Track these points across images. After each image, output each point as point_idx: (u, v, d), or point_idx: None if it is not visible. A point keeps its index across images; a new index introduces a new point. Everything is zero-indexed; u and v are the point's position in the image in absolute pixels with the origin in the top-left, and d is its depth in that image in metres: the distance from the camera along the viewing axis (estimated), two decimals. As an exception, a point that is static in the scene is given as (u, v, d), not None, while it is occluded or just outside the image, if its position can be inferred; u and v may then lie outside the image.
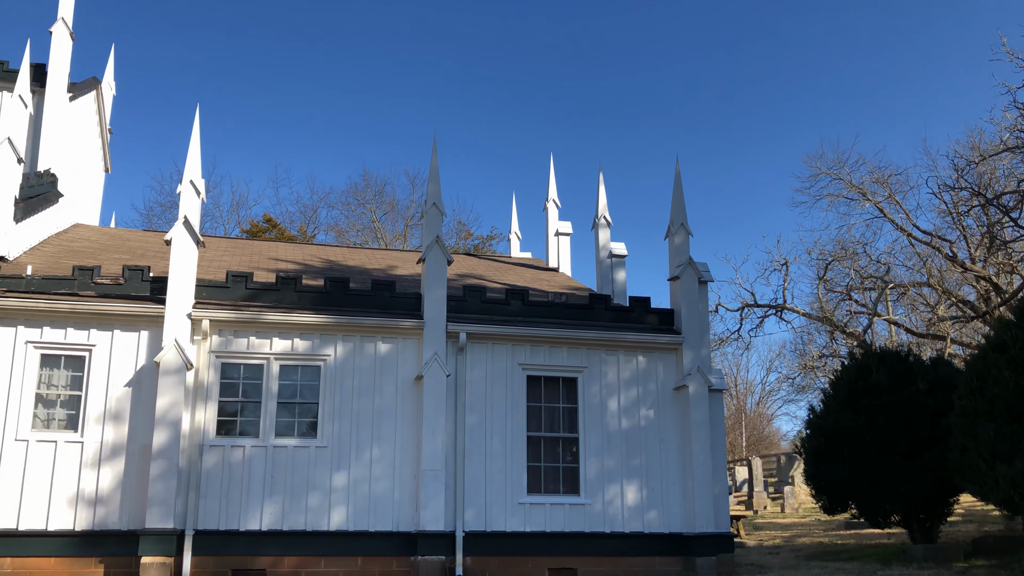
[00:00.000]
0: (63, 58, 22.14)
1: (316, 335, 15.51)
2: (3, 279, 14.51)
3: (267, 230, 45.71)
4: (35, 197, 19.81)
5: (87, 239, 21.84)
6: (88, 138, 25.54)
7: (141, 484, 14.14)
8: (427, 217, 16.61)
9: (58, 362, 14.53)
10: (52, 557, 13.62)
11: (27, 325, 14.41)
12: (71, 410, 14.40)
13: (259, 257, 21.29)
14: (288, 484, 14.75)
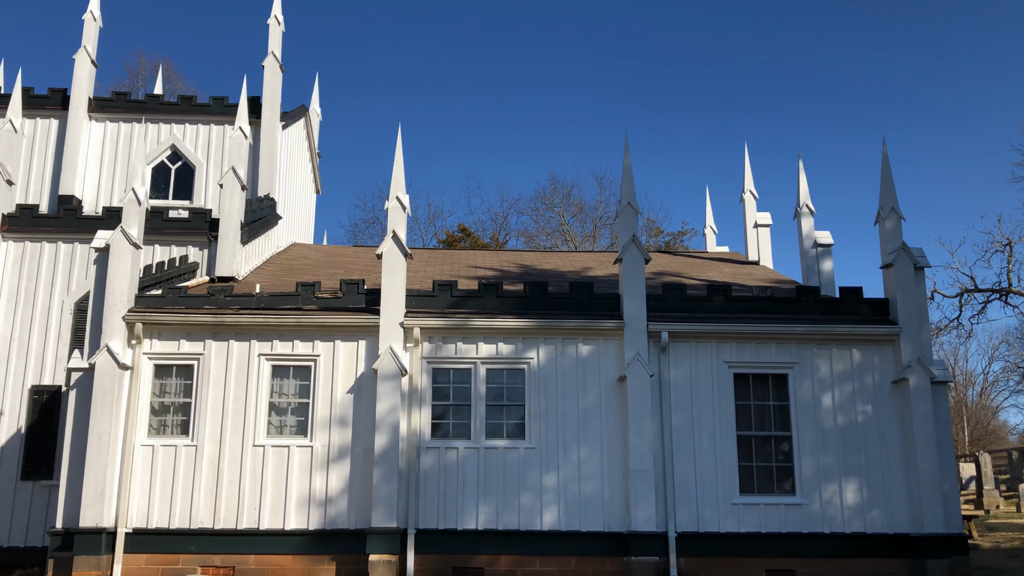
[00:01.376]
0: (275, 90, 23.78)
1: (519, 339, 15.85)
2: (236, 297, 15.77)
3: (462, 239, 47.17)
4: (257, 220, 21.39)
5: (304, 256, 23.36)
6: (300, 162, 27.29)
7: (365, 485, 14.96)
8: (622, 217, 16.60)
9: (287, 372, 15.62)
10: (289, 555, 14.64)
11: (259, 339, 15.59)
12: (300, 417, 15.44)
13: (459, 265, 22.01)
14: (500, 484, 15.15)
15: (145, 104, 23.70)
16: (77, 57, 23.70)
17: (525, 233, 49.62)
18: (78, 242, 19.98)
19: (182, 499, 14.84)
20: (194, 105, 23.71)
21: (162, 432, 15.24)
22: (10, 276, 19.72)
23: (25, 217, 19.94)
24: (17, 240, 19.90)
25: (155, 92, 26.18)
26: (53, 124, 23.50)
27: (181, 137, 23.64)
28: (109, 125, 23.72)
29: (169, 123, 23.70)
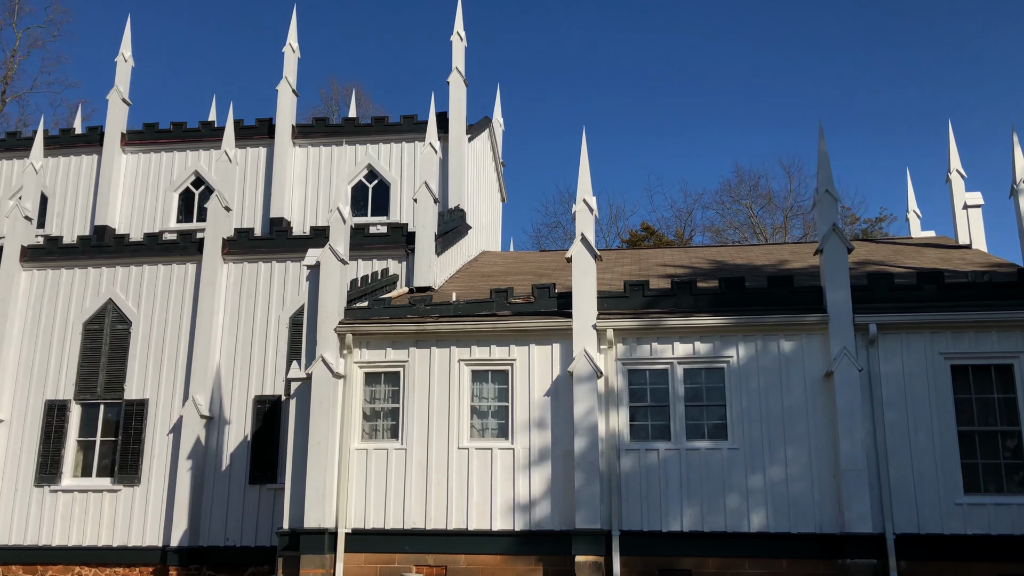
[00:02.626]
0: (460, 104, 24.54)
1: (716, 337, 15.55)
2: (435, 306, 16.37)
3: (645, 238, 46.83)
4: (449, 231, 22.13)
5: (494, 264, 23.94)
6: (485, 172, 27.99)
7: (567, 487, 15.12)
8: (820, 205, 15.95)
9: (486, 376, 16.05)
10: (497, 555, 15.02)
11: (458, 345, 16.12)
12: (500, 420, 15.82)
13: (647, 265, 21.85)
14: (704, 486, 14.91)
15: (342, 128, 25.08)
16: (280, 88, 25.40)
17: (711, 228, 48.67)
18: (289, 261, 21.37)
19: (395, 500, 15.55)
20: (386, 125, 24.86)
21: (374, 436, 16.03)
22: (232, 295, 21.35)
23: (242, 240, 21.54)
24: (236, 262, 21.52)
25: (350, 115, 27.64)
26: (261, 152, 25.30)
27: (376, 156, 24.84)
28: (311, 150, 25.26)
29: (364, 144, 24.98)
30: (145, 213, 25.31)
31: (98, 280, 21.76)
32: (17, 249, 21.82)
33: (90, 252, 21.81)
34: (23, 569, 20.08)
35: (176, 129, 25.57)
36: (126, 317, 21.39)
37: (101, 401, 21.00)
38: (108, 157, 25.32)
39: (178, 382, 20.85)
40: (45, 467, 20.62)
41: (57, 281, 21.85)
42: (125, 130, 25.72)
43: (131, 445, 20.55)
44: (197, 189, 25.34)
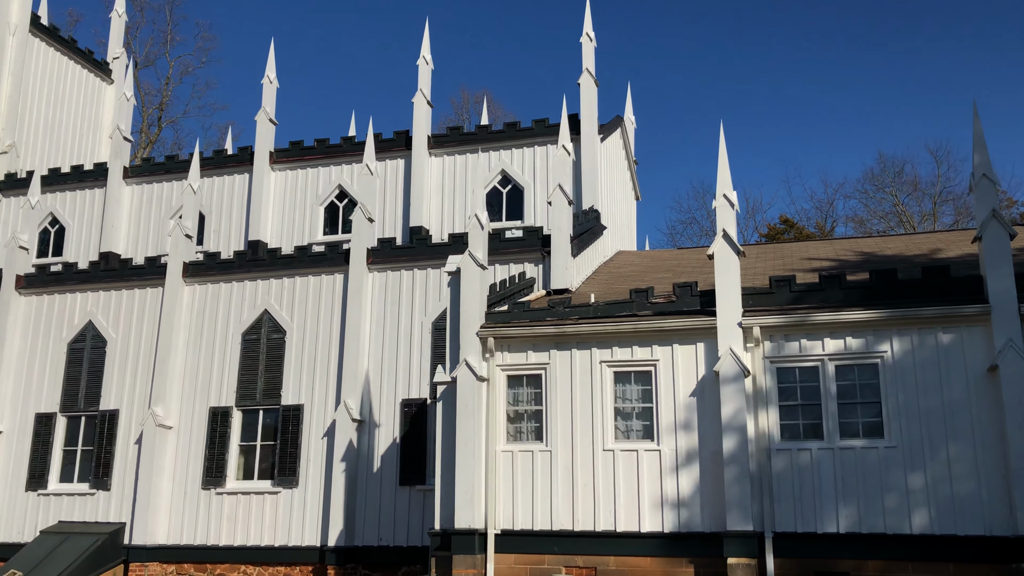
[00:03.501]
0: (591, 105, 24.55)
1: (868, 332, 14.97)
2: (575, 308, 16.43)
3: (784, 231, 45.50)
4: (584, 233, 22.15)
5: (630, 263, 23.81)
6: (619, 171, 27.89)
7: (716, 488, 14.88)
8: (978, 190, 15.13)
9: (628, 378, 15.99)
10: (647, 557, 14.93)
11: (599, 347, 16.12)
12: (645, 421, 15.72)
13: (790, 259, 21.25)
14: (860, 486, 14.38)
15: (476, 135, 25.52)
16: (415, 100, 26.09)
17: (854, 218, 46.88)
18: (429, 268, 21.90)
19: (541, 502, 15.69)
20: (518, 130, 25.15)
21: (518, 438, 16.23)
22: (377, 303, 22.07)
23: (385, 249, 22.23)
24: (380, 270, 22.23)
25: (482, 123, 28.09)
26: (400, 163, 26.06)
27: (509, 162, 25.16)
28: (446, 159, 25.83)
29: (497, 150, 25.35)
30: (294, 227, 26.50)
31: (254, 292, 22.90)
32: (180, 266, 23.23)
33: (246, 266, 22.98)
34: (194, 567, 21.34)
35: (320, 145, 26.64)
36: (281, 327, 22.43)
37: (260, 407, 22.11)
38: (258, 175, 26.64)
39: (330, 387, 21.70)
40: (211, 471, 21.85)
41: (217, 294, 23.13)
42: (273, 148, 27.00)
43: (289, 449, 21.53)
44: (341, 202, 26.32)
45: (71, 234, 27.98)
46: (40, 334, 24.07)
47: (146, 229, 27.64)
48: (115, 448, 22.59)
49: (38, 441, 23.21)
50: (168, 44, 49.37)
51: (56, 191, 28.29)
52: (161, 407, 22.23)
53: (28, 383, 23.74)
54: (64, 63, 31.56)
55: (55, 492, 22.74)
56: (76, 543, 21.07)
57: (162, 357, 22.65)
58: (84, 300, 23.95)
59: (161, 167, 27.94)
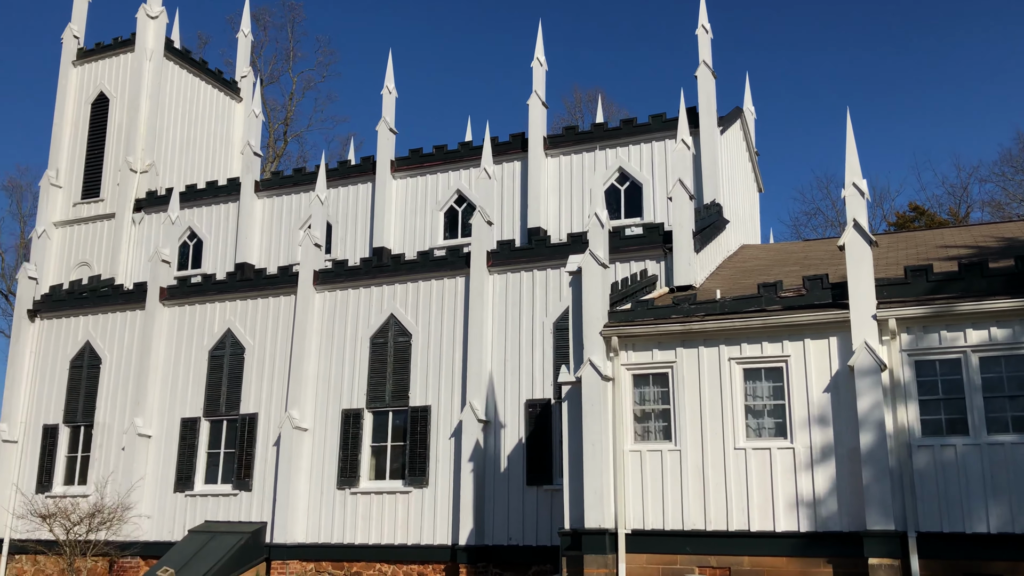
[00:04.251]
0: (709, 97, 24.15)
1: (1015, 321, 14.18)
2: (700, 305, 16.19)
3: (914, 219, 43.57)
4: (707, 228, 21.80)
5: (755, 257, 23.29)
6: (739, 164, 27.34)
7: (854, 486, 14.39)
8: None
9: (758, 375, 15.64)
10: (783, 557, 14.56)
11: (727, 343, 15.83)
12: (777, 418, 15.34)
13: (924, 247, 20.37)
14: (1012, 483, 13.64)
15: (592, 134, 25.48)
16: (530, 102, 26.23)
17: (991, 203, 44.44)
18: (549, 268, 21.98)
19: (672, 501, 15.52)
20: (635, 126, 24.96)
21: (646, 438, 16.11)
22: (498, 305, 22.30)
23: (504, 252, 22.45)
24: (500, 273, 22.46)
25: (597, 121, 28.00)
26: (516, 166, 26.26)
27: (627, 158, 25.00)
28: (562, 159, 25.88)
29: (614, 147, 25.24)
30: (415, 232, 27.07)
31: (380, 297, 23.50)
32: (310, 274, 24.06)
33: (371, 272, 23.61)
34: (332, 565, 22.06)
35: (438, 152, 27.12)
36: (406, 330, 22.95)
37: (389, 409, 22.68)
38: (381, 184, 27.34)
39: (455, 389, 22.06)
40: (345, 471, 22.55)
41: (345, 300, 23.85)
42: (394, 157, 27.65)
43: (418, 449, 22.00)
44: (460, 206, 26.73)
45: (208, 247, 29.38)
46: (183, 343, 25.36)
47: (277, 239, 28.76)
48: (255, 450, 23.60)
49: (184, 445, 24.47)
50: (290, 61, 51.25)
51: (193, 206, 29.76)
52: (297, 410, 23.09)
53: (173, 389, 25.06)
54: (196, 84, 33.17)
55: (201, 493, 23.93)
56: (222, 541, 22.11)
57: (296, 362, 23.52)
58: (223, 309, 25.11)
59: (289, 180, 29.01)
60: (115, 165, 30.58)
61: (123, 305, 26.32)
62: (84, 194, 30.88)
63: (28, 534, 24.11)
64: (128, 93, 30.95)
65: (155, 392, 25.14)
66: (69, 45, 32.37)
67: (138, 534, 23.52)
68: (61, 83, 32.07)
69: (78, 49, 32.34)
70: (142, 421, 24.74)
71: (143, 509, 23.97)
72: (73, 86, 32.08)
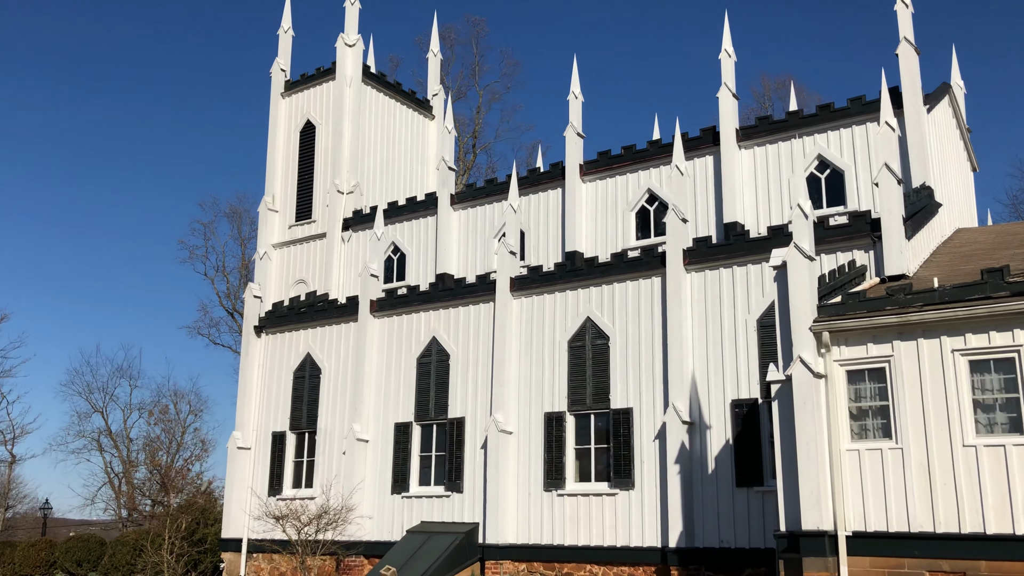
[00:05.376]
0: (913, 75, 22.84)
1: None
2: (917, 295, 15.29)
3: None
4: (917, 212, 20.61)
5: (973, 241, 21.76)
6: (950, 143, 25.68)
7: (1107, 486, 13.14)
8: None
9: (987, 366, 14.58)
10: None
11: (949, 334, 14.86)
12: (1011, 413, 14.24)
13: None
14: None
15: (787, 122, 24.67)
16: (720, 95, 25.75)
17: None
18: (749, 264, 21.44)
19: (895, 502, 14.74)
20: (832, 111, 23.96)
21: (863, 436, 15.39)
22: (696, 304, 21.99)
23: (701, 249, 22.11)
24: (698, 271, 22.13)
25: (791, 108, 27.04)
26: (708, 160, 25.86)
27: (825, 145, 24.04)
28: (756, 150, 25.22)
29: (811, 134, 24.34)
30: (607, 235, 27.20)
31: (575, 301, 23.76)
32: (507, 281, 24.68)
33: (566, 276, 23.91)
34: (543, 566, 22.49)
35: (627, 152, 27.11)
36: (603, 332, 23.06)
37: (591, 411, 22.87)
38: (570, 188, 27.66)
39: (657, 390, 21.94)
40: (551, 473, 22.94)
41: (541, 305, 24.28)
42: (582, 161, 27.90)
43: (622, 451, 22.04)
44: (651, 206, 26.61)
45: (411, 259, 30.74)
46: (393, 351, 26.66)
47: (473, 249, 29.69)
48: (464, 453, 24.44)
49: (398, 448, 25.70)
50: (476, 75, 52.75)
51: (395, 222, 31.24)
52: (501, 414, 23.73)
53: (387, 396, 26.39)
54: (392, 105, 34.80)
55: (416, 495, 25.04)
56: (438, 542, 23.05)
57: (498, 367, 24.19)
58: (427, 318, 26.20)
59: (482, 191, 29.89)
60: (324, 188, 32.59)
61: (337, 318, 27.99)
62: (298, 216, 33.10)
63: (264, 534, 26.08)
64: (332, 119, 32.91)
65: (370, 399, 26.56)
66: (277, 79, 34.82)
67: (361, 534, 24.93)
68: (272, 114, 34.55)
69: (285, 81, 34.73)
70: (359, 427, 26.21)
71: (364, 510, 25.37)
72: (283, 116, 34.47)
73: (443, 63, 38.41)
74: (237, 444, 28.86)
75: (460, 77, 52.71)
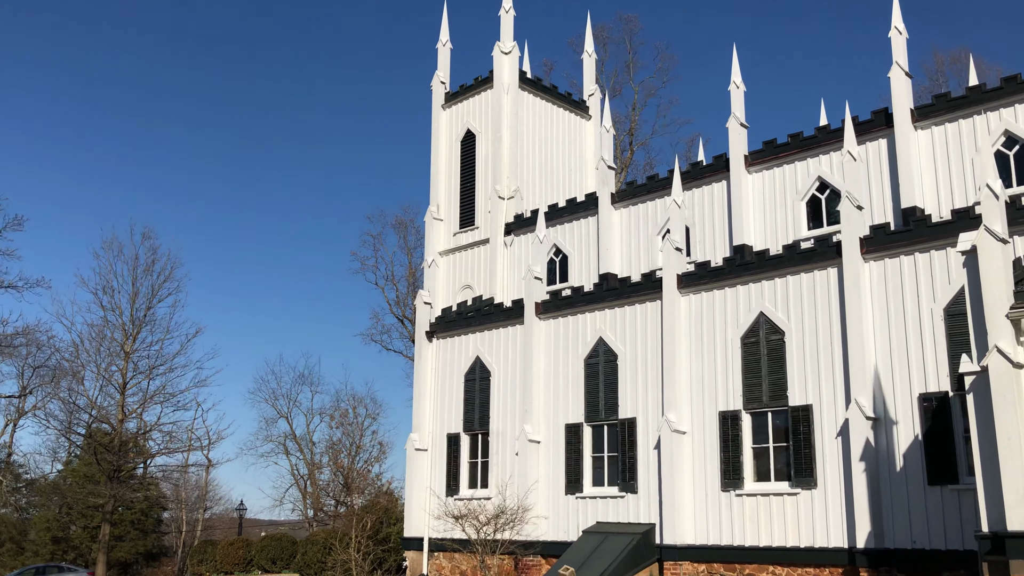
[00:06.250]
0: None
1: None
2: None
3: None
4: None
5: None
6: None
7: None
8: None
9: None
10: None
11: None
12: None
13: None
14: None
15: (967, 98, 23.29)
16: (891, 75, 24.55)
17: None
18: (932, 250, 20.30)
19: (1115, 501, 13.59)
20: (1020, 83, 22.36)
21: (1074, 430, 14.25)
22: (876, 294, 21.00)
23: (879, 236, 21.10)
24: (876, 259, 21.13)
25: (971, 84, 25.41)
26: (881, 144, 24.70)
27: (1012, 120, 22.52)
28: (934, 130, 23.91)
29: (995, 109, 22.94)
30: (776, 226, 26.43)
31: (747, 296, 23.19)
32: (674, 278, 24.39)
33: (735, 271, 23.37)
34: (723, 567, 22.08)
35: (793, 140, 26.26)
36: (778, 327, 22.40)
37: (768, 409, 22.26)
38: (736, 180, 27.06)
39: (837, 386, 21.10)
40: (727, 473, 22.49)
41: (711, 301, 23.84)
42: (747, 152, 27.22)
43: (802, 449, 21.34)
44: (822, 194, 25.67)
45: (573, 261, 30.91)
46: (560, 352, 26.87)
47: (636, 247, 29.53)
48: (636, 453, 24.33)
49: (570, 449, 25.87)
50: (631, 72, 52.40)
51: (556, 224, 31.49)
52: (673, 413, 23.48)
53: (556, 397, 26.63)
54: (549, 109, 35.11)
55: (590, 495, 25.13)
56: (614, 542, 23.05)
57: (668, 366, 23.94)
58: (593, 319, 26.25)
59: (643, 188, 29.68)
60: (485, 194, 33.26)
61: (504, 322, 28.48)
62: (461, 224, 33.93)
63: (443, 533, 26.88)
64: (490, 127, 33.54)
65: (539, 400, 26.87)
66: (438, 91, 35.82)
67: (537, 534, 25.26)
68: (434, 126, 35.57)
69: (445, 93, 35.67)
70: (531, 428, 26.57)
71: (540, 510, 25.69)
72: (444, 128, 35.42)
73: (597, 63, 38.35)
74: (415, 446, 29.85)
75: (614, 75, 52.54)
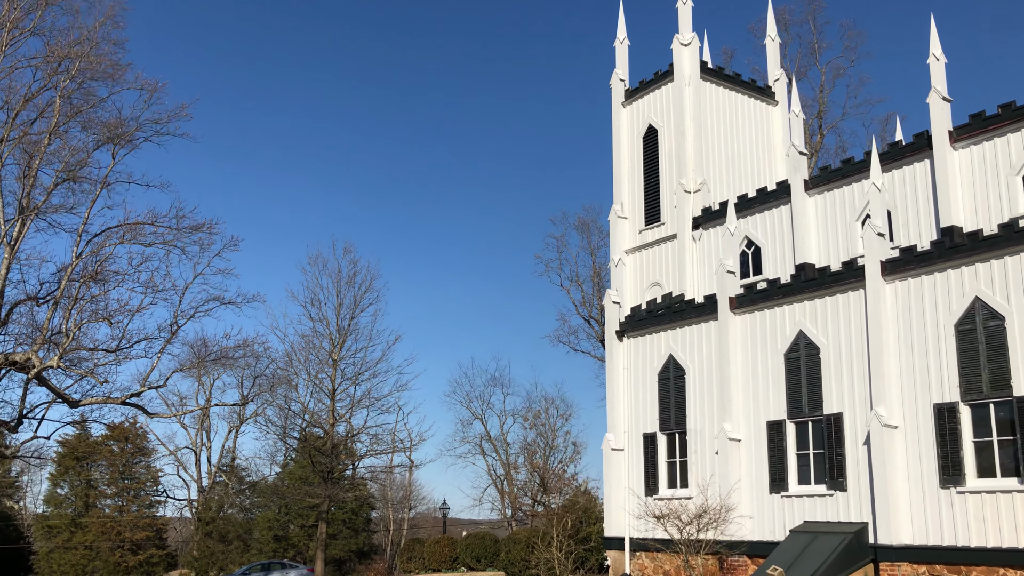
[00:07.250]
0: None
1: None
2: None
3: None
4: None
5: None
6: None
7: None
8: None
9: None
10: None
11: None
12: None
13: None
14: None
15: None
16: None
17: None
18: None
19: None
20: None
21: None
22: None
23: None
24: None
25: None
26: None
27: None
28: None
29: None
30: (989, 204, 24.65)
31: (959, 281, 21.69)
32: (877, 265, 23.16)
33: (945, 254, 21.91)
34: (946, 569, 20.74)
35: (1005, 111, 24.40)
36: (997, 313, 20.81)
37: (989, 400, 20.72)
38: (940, 158, 25.41)
39: (1071, 373, 19.38)
40: (946, 469, 21.11)
41: (919, 288, 22.46)
42: (951, 127, 25.49)
43: (1033, 443, 19.74)
44: (1042, 166, 23.68)
45: (766, 252, 29.98)
46: (757, 348, 26.11)
47: (833, 235, 28.28)
48: (844, 449, 23.27)
49: (772, 447, 25.09)
50: (816, 53, 50.22)
51: (746, 215, 30.64)
52: (883, 407, 22.29)
53: (755, 394, 25.89)
54: (732, 97, 34.24)
55: (795, 494, 24.27)
56: (824, 542, 22.16)
57: (875, 357, 22.77)
58: (791, 312, 25.34)
59: (838, 173, 28.38)
60: (670, 189, 32.84)
61: (696, 318, 28.00)
62: (647, 220, 33.67)
63: (644, 533, 26.75)
64: (673, 120, 33.09)
65: (738, 397, 26.22)
66: (617, 89, 35.73)
67: (742, 534, 24.66)
68: (615, 124, 35.50)
69: (624, 91, 35.53)
70: (730, 426, 25.97)
71: (743, 510, 25.07)
72: (625, 125, 35.29)
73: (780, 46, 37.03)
74: (611, 446, 29.87)
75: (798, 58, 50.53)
